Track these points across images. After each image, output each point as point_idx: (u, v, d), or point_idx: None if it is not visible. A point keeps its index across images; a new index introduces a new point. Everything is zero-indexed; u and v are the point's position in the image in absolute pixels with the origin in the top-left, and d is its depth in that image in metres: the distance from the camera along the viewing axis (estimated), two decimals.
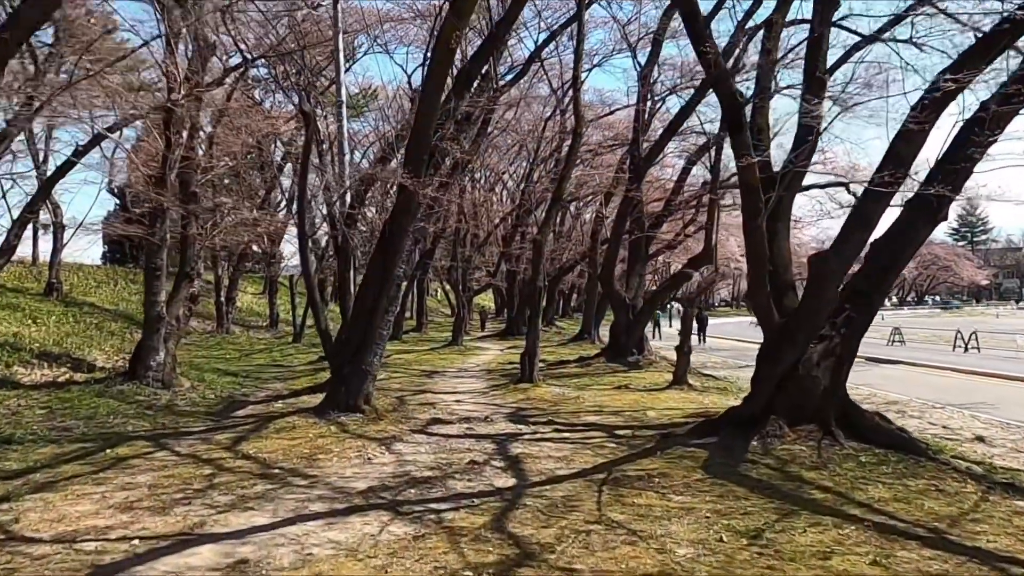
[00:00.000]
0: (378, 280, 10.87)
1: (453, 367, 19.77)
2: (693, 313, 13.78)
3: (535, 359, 13.90)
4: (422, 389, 14.38)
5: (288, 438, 9.13)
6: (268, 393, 13.93)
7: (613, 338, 19.10)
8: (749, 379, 18.11)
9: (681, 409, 11.09)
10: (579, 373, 17.15)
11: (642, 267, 19.71)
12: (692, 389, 13.50)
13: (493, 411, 11.37)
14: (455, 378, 16.88)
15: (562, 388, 13.78)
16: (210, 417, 11.10)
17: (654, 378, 15.88)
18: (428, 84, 10.22)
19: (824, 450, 7.69)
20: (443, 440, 9.11)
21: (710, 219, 17.46)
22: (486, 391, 13.96)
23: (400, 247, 10.72)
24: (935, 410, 12.78)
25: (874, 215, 8.04)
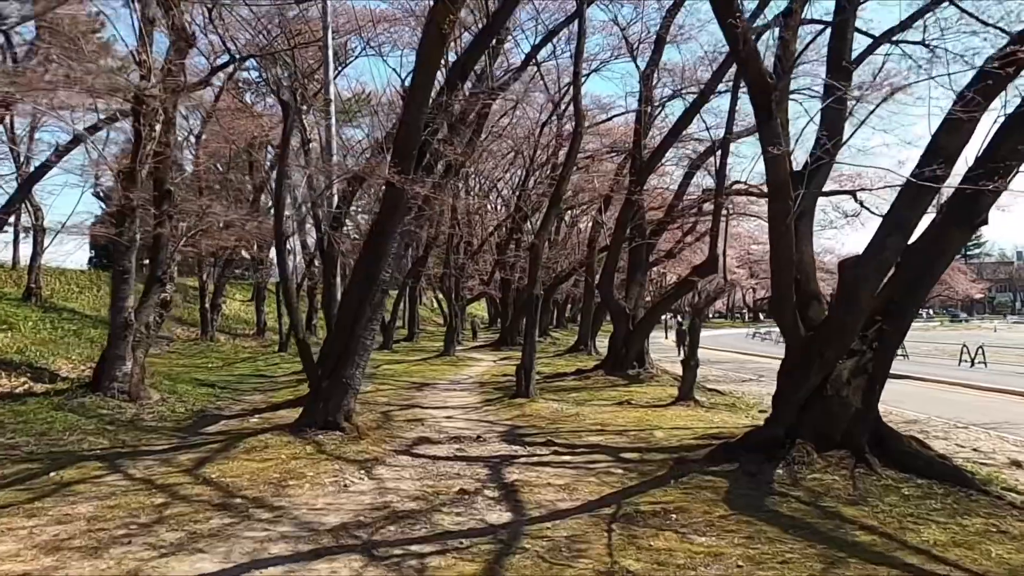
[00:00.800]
0: (362, 286, 9.98)
1: (444, 379, 18.85)
2: (698, 324, 12.92)
3: (531, 372, 13.01)
4: (410, 403, 13.46)
5: (258, 460, 8.19)
6: (245, 406, 12.98)
7: (612, 350, 18.23)
8: (756, 394, 17.37)
9: (691, 429, 10.20)
10: (577, 387, 16.25)
11: (642, 276, 18.87)
12: (699, 406, 12.63)
13: (486, 429, 10.46)
14: (446, 391, 15.96)
15: (560, 403, 12.88)
16: (177, 434, 10.15)
17: (657, 393, 14.99)
18: (418, 73, 9.38)
19: (859, 480, 6.82)
20: (430, 463, 8.20)
21: (715, 225, 16.64)
22: (479, 406, 13.05)
23: (386, 250, 9.84)
24: (958, 430, 11.94)
25: (913, 216, 7.21)
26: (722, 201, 16.71)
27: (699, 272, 17.07)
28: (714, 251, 16.73)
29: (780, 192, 6.54)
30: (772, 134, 6.34)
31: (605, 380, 17.04)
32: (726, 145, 16.53)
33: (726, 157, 16.54)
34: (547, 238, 13.23)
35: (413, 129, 9.69)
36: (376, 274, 9.81)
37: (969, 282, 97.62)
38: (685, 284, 17.19)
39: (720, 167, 16.50)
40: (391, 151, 10.05)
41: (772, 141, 6.32)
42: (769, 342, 47.15)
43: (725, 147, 16.57)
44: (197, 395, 13.65)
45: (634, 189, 16.29)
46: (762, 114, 6.38)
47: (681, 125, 16.80)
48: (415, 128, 9.68)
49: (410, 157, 9.74)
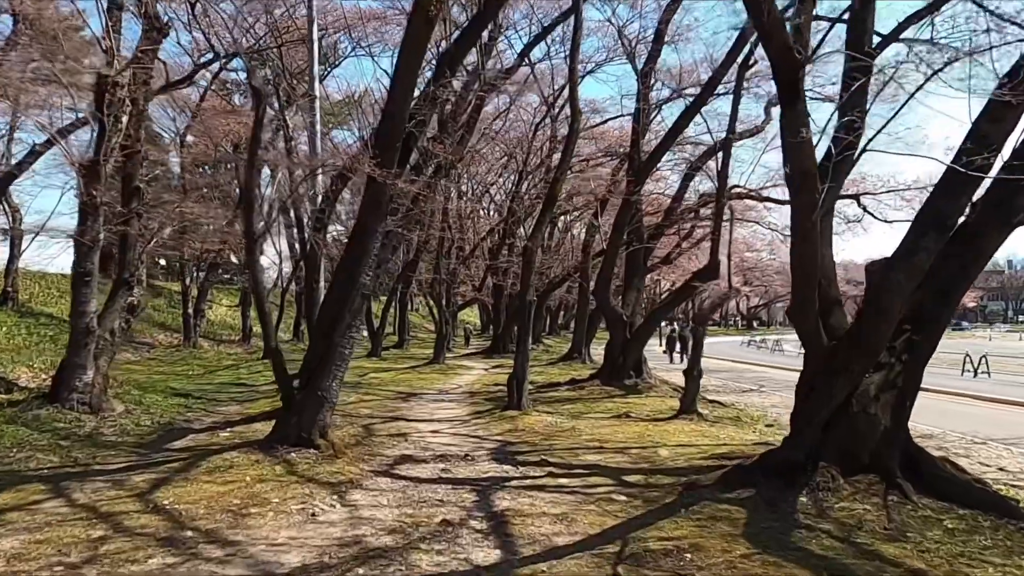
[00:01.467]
0: (341, 289, 9.18)
1: (433, 388, 18.02)
2: (702, 332, 12.16)
3: (524, 383, 12.21)
4: (395, 415, 12.63)
5: (220, 482, 7.36)
6: (217, 419, 12.12)
7: (609, 359, 17.45)
8: (759, 406, 16.60)
9: (697, 446, 9.41)
10: (572, 397, 15.45)
11: (640, 281, 18.12)
12: (703, 419, 11.85)
13: (475, 446, 9.64)
14: (434, 402, 15.13)
15: (554, 416, 12.08)
16: (137, 450, 9.29)
17: (656, 405, 14.21)
18: (403, 57, 8.60)
19: (894, 510, 6.05)
20: (412, 486, 7.37)
21: (716, 230, 15.91)
22: (468, 419, 12.23)
23: (366, 251, 9.03)
24: (977, 446, 11.20)
25: (951, 213, 6.47)
26: (724, 204, 15.99)
27: (699, 277, 16.33)
28: (715, 256, 15.99)
29: (806, 184, 5.78)
30: (798, 118, 5.59)
31: (601, 390, 16.25)
32: (728, 146, 15.83)
33: (728, 159, 15.84)
34: (541, 241, 12.44)
35: (397, 119, 8.90)
36: (356, 276, 9.00)
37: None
38: (685, 290, 16.45)
39: (722, 169, 15.79)
40: (373, 143, 9.26)
41: (798, 126, 5.56)
42: (765, 350, 46.54)
43: (727, 148, 15.86)
44: (167, 406, 12.78)
45: (632, 190, 15.54)
46: (787, 95, 5.63)
47: (681, 124, 16.10)
48: (399, 118, 8.90)
49: (393, 150, 8.95)
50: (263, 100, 8.50)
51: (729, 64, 15.37)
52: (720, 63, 15.30)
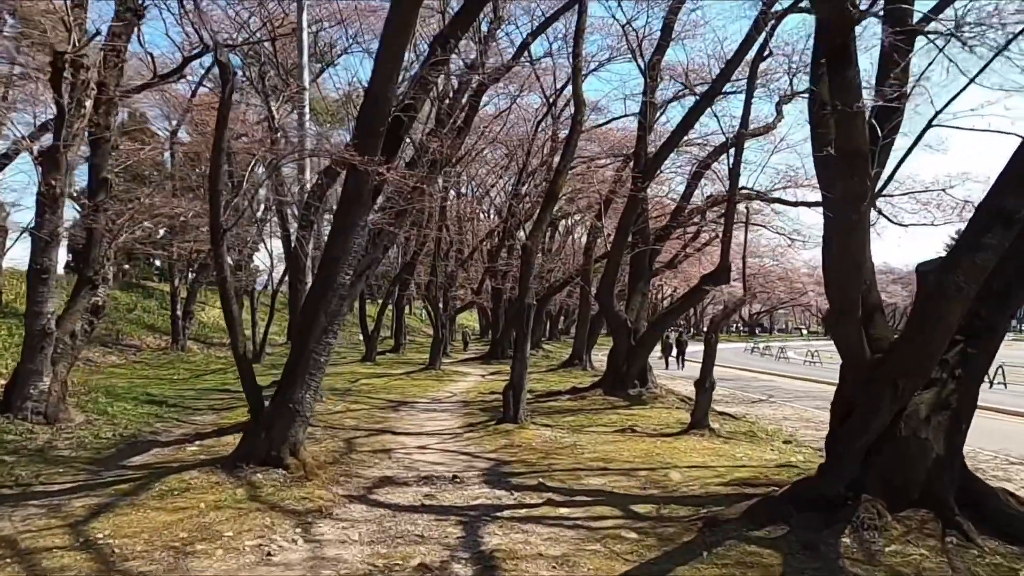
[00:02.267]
0: (319, 290, 8.25)
1: (426, 396, 17.06)
2: (715, 340, 11.20)
3: (521, 394, 11.25)
4: (381, 428, 11.67)
5: (170, 509, 6.41)
6: (188, 430, 11.18)
7: (612, 366, 16.49)
8: (772, 418, 15.63)
9: (712, 468, 8.45)
10: (573, 408, 14.49)
11: (645, 286, 17.18)
12: (715, 435, 10.89)
13: (465, 465, 8.68)
14: (425, 411, 14.17)
15: (554, 431, 11.12)
16: (90, 467, 8.35)
17: (663, 417, 13.26)
18: (389, 30, 7.68)
19: (955, 555, 5.10)
20: (389, 516, 6.42)
21: (727, 231, 14.96)
22: (460, 432, 11.27)
23: (347, 248, 8.09)
24: (1014, 467, 10.26)
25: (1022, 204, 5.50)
26: (735, 204, 15.05)
27: (710, 281, 15.38)
28: (726, 259, 15.04)
29: (855, 166, 4.84)
30: (848, 86, 4.65)
31: (604, 400, 15.29)
32: (741, 142, 14.87)
33: (740, 155, 14.88)
34: (541, 242, 11.52)
35: (381, 101, 7.97)
36: (334, 276, 8.06)
37: None
38: (694, 294, 15.51)
39: (734, 166, 14.84)
40: (355, 127, 8.34)
41: (848, 95, 4.63)
42: (769, 357, 45.58)
43: (739, 145, 14.91)
44: (135, 416, 11.83)
45: (639, 187, 14.58)
46: (837, 60, 4.68)
47: (691, 119, 15.16)
48: (383, 100, 7.97)
49: (376, 135, 8.02)
50: (230, 77, 7.57)
51: (742, 55, 14.45)
52: (733, 54, 14.37)
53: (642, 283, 17.09)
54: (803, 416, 15.90)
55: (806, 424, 14.52)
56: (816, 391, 21.98)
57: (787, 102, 18.55)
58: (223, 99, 7.55)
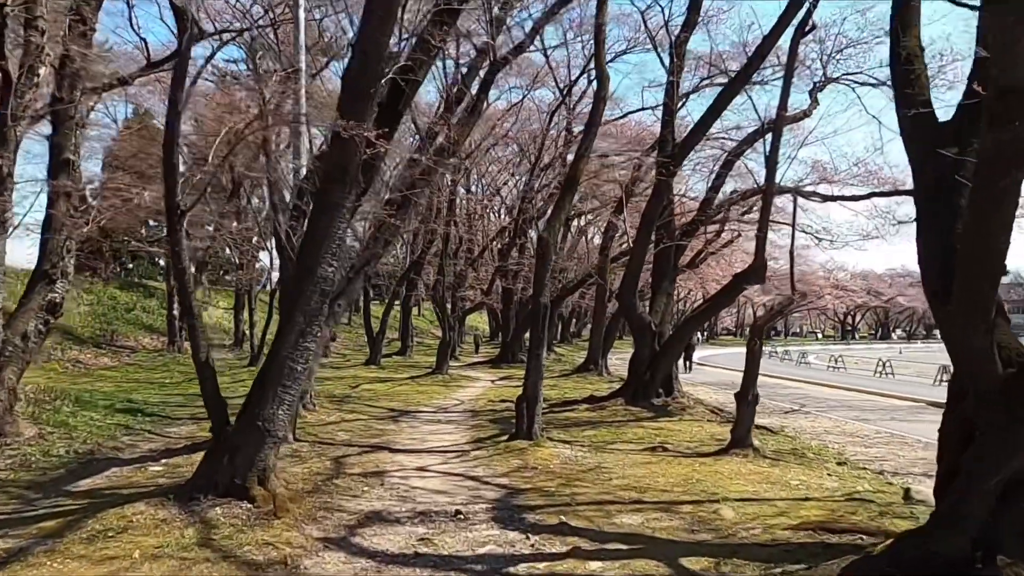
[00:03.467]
0: (297, 286, 6.88)
1: (431, 404, 15.69)
2: (759, 346, 9.74)
3: (536, 407, 9.84)
4: (377, 443, 10.29)
5: (96, 559, 5.06)
6: (157, 445, 9.86)
7: (633, 373, 15.05)
8: (812, 432, 14.15)
9: (770, 502, 7.00)
10: (592, 420, 13.07)
11: (670, 285, 15.74)
12: (759, 455, 9.44)
13: (471, 495, 7.28)
14: (429, 423, 12.78)
15: (574, 449, 9.69)
16: (25, 494, 7.02)
17: (695, 432, 11.82)
18: None
19: None
20: (373, 570, 5.04)
21: (763, 225, 13.52)
22: (466, 450, 9.86)
23: (328, 234, 6.71)
24: None
25: None
26: (772, 195, 13.62)
27: (744, 279, 13.95)
28: (761, 255, 13.59)
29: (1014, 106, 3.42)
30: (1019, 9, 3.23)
31: (626, 412, 13.85)
32: (779, 126, 13.44)
33: (778, 141, 13.45)
34: (559, 234, 10.12)
35: (371, 57, 6.60)
36: (313, 268, 6.69)
37: None
38: (726, 294, 14.08)
39: (771, 153, 13.40)
40: (341, 90, 6.97)
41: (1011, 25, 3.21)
42: (789, 362, 43.90)
43: (778, 129, 13.48)
44: (100, 428, 10.51)
45: (668, 172, 13.08)
46: None
47: (724, 100, 13.68)
48: (373, 56, 6.60)
49: (366, 97, 6.66)
50: (188, 26, 6.23)
51: (782, 28, 13.02)
52: (771, 28, 12.93)
53: (667, 283, 15.64)
54: (844, 429, 14.42)
55: (851, 439, 13.05)
56: (849, 400, 20.43)
57: (821, 89, 17.10)
58: (180, 51, 6.21)
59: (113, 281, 35.25)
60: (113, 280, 35.58)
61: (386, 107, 9.40)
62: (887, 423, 15.58)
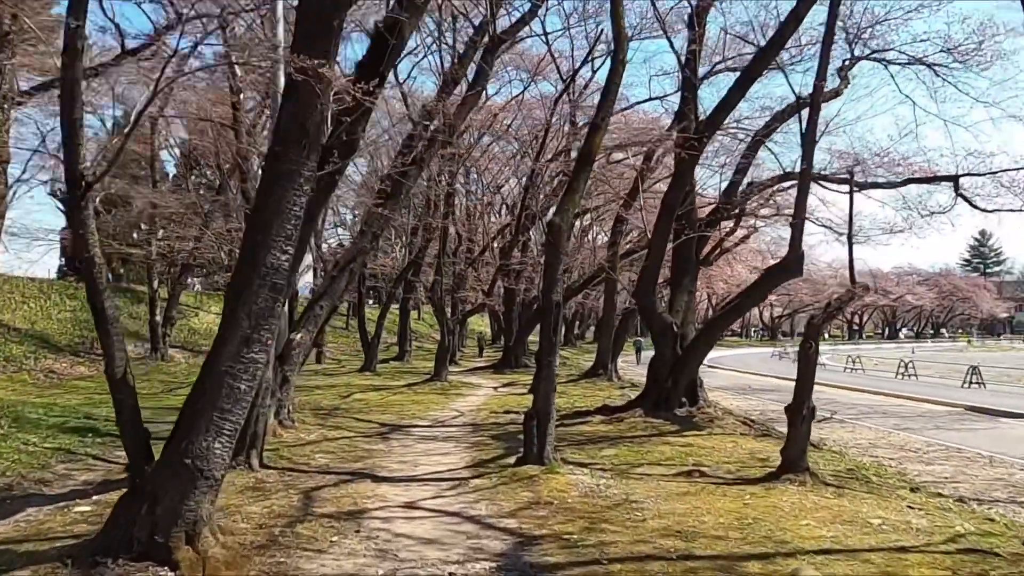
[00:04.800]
0: (240, 278, 5.29)
1: (426, 417, 14.10)
2: (815, 350, 8.10)
3: (548, 425, 8.23)
4: (360, 469, 8.69)
5: None
6: (96, 475, 8.25)
7: (653, 380, 13.45)
8: (859, 446, 12.47)
9: (863, 557, 5.35)
10: (610, 434, 11.47)
11: (692, 282, 14.13)
12: (817, 481, 7.83)
13: (469, 547, 5.66)
14: (423, 440, 11.19)
15: (593, 476, 8.07)
16: None
17: (729, 449, 10.23)
18: None
19: None
20: None
21: (800, 210, 11.95)
22: (465, 477, 8.24)
23: (280, 211, 5.13)
24: None
25: None
26: (810, 178, 12.06)
27: (776, 274, 12.38)
28: (798, 247, 12.00)
29: None
30: None
31: (646, 424, 12.25)
32: (817, 98, 11.84)
33: (816, 114, 11.89)
34: (573, 217, 8.51)
35: None
36: (261, 255, 5.10)
37: (993, 300, 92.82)
38: (757, 290, 12.50)
39: (808, 130, 11.83)
40: (296, 19, 5.39)
41: None
42: None
43: (815, 102, 11.88)
44: (30, 454, 8.88)
45: (693, 146, 11.38)
46: None
47: (757, 67, 12.04)
48: None
49: (327, 30, 5.08)
50: None
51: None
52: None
53: (688, 279, 14.03)
54: (891, 441, 12.84)
55: (903, 454, 11.48)
56: (879, 405, 18.81)
57: (851, 67, 15.53)
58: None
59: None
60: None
61: (367, 66, 7.84)
62: (933, 432, 14.02)
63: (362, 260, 12.82)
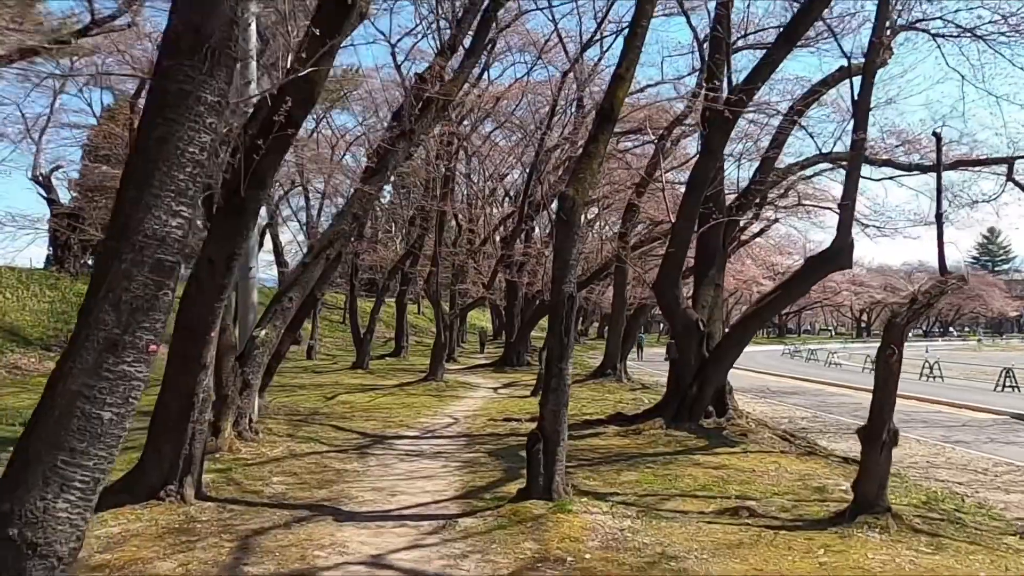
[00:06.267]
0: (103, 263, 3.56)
1: (416, 425, 12.41)
2: (897, 359, 6.33)
3: (558, 449, 6.50)
4: (322, 501, 6.98)
5: None
6: None
7: (675, 385, 11.73)
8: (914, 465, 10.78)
9: None
10: (627, 451, 9.74)
11: (719, 273, 12.37)
12: (904, 525, 6.10)
13: None
14: (407, 457, 9.48)
15: (615, 516, 6.34)
16: None
17: (772, 472, 8.52)
18: None
19: None
20: None
21: (850, 189, 10.25)
22: (452, 515, 6.52)
23: (166, 153, 3.41)
24: None
25: None
26: (863, 150, 10.34)
27: (820, 265, 10.66)
28: (848, 233, 10.28)
29: None
30: None
31: (669, 438, 10.53)
32: (872, 61, 10.16)
33: (872, 76, 10.22)
34: (590, 187, 6.77)
35: None
36: (134, 220, 3.38)
37: (1004, 298, 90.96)
38: (799, 282, 10.78)
39: (862, 94, 10.13)
40: None
41: None
42: (814, 362, 40.52)
43: (870, 65, 10.20)
44: None
45: (731, 105, 9.51)
46: None
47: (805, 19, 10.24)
48: None
49: None
50: None
51: None
52: None
53: (714, 270, 12.29)
54: (951, 459, 11.13)
55: (972, 477, 9.81)
56: (915, 412, 17.01)
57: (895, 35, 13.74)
58: None
59: (83, 277, 32.35)
60: (83, 276, 32.69)
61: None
62: (989, 447, 12.31)
63: (341, 245, 11.11)
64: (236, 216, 6.30)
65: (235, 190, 6.21)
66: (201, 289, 6.47)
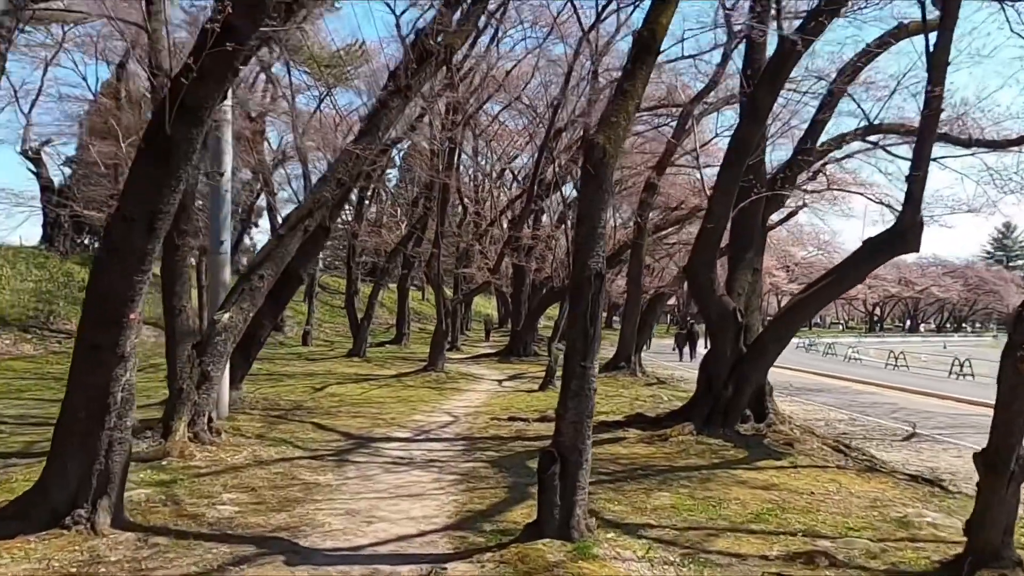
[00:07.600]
0: None
1: (409, 424, 10.90)
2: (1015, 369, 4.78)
3: (580, 472, 4.98)
4: (274, 530, 5.47)
5: None
6: None
7: (706, 383, 10.16)
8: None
9: None
10: (654, 461, 8.22)
11: (757, 257, 10.78)
12: None
13: None
14: (393, 467, 7.95)
15: (655, 565, 4.82)
16: None
17: (836, 496, 6.99)
18: None
19: None
20: None
21: (923, 151, 8.67)
22: (439, 557, 5.01)
23: None
24: None
25: None
26: (940, 108, 8.74)
27: (883, 247, 9.09)
28: (917, 209, 8.69)
29: None
30: None
31: (702, 446, 8.99)
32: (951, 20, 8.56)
33: (952, 24, 8.64)
34: (624, 135, 5.25)
35: None
36: None
37: (1019, 293, 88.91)
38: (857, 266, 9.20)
39: (939, 44, 8.55)
40: None
41: None
42: (832, 357, 38.86)
43: (949, 9, 8.58)
44: None
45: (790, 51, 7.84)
46: None
47: None
48: None
49: None
50: None
51: None
52: None
53: (752, 252, 10.71)
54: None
55: None
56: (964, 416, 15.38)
57: None
58: None
59: (74, 256, 31.03)
60: (74, 255, 31.37)
61: None
62: None
63: (323, 215, 9.57)
64: (162, 161, 4.80)
65: (159, 126, 4.69)
66: (117, 257, 4.97)
